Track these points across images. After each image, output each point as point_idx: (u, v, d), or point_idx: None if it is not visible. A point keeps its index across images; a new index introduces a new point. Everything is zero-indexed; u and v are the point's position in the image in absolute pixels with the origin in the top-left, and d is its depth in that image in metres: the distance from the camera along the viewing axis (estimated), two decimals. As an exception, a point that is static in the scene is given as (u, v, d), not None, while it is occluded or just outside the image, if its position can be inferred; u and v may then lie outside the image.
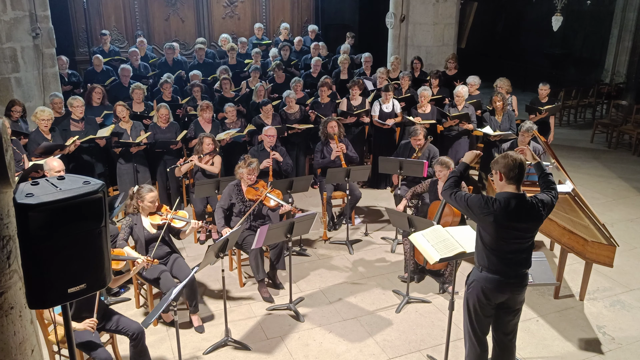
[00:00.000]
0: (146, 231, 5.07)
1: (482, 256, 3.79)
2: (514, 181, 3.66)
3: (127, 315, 4.60)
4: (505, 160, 3.66)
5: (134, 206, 5.10)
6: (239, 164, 5.92)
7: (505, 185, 3.70)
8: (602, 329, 5.17)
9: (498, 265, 3.73)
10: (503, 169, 3.67)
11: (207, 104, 7.60)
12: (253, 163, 5.82)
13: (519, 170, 3.63)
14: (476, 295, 3.84)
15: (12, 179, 2.32)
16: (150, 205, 5.06)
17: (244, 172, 5.80)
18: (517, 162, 3.63)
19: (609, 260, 5.08)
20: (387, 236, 7.04)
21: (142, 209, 5.09)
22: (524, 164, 3.65)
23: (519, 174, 3.64)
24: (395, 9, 10.65)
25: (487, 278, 3.77)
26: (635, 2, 12.84)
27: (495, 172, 3.75)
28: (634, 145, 10.61)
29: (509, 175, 3.65)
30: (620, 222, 7.35)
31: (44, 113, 6.62)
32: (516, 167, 3.62)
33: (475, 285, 3.84)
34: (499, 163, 3.71)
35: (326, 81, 8.57)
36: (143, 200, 5.03)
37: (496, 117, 7.83)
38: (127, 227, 5.04)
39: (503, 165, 3.66)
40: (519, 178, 3.65)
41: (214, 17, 12.78)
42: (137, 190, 5.09)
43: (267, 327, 5.22)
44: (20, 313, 2.46)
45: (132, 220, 5.07)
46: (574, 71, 15.03)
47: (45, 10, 7.96)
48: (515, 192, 3.67)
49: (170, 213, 5.12)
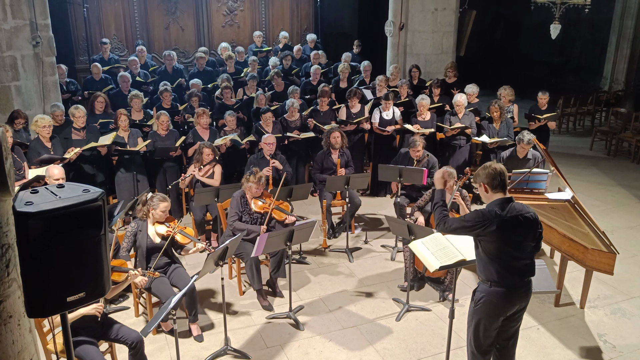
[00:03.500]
0: (149, 239, 5.06)
1: (488, 271, 3.77)
2: (500, 188, 3.75)
3: (126, 324, 4.58)
4: (486, 171, 3.76)
5: (144, 212, 5.09)
6: (247, 177, 5.85)
7: (492, 195, 3.78)
8: (603, 337, 5.15)
9: (506, 277, 3.72)
10: (486, 180, 3.75)
11: (202, 110, 7.63)
12: (262, 178, 5.81)
13: (500, 177, 3.73)
14: (487, 310, 3.80)
15: (12, 187, 2.32)
16: (162, 215, 5.05)
17: (253, 186, 5.79)
18: (497, 170, 3.73)
19: (609, 268, 5.07)
20: (387, 244, 7.03)
21: (152, 216, 5.08)
22: (503, 170, 3.75)
23: (502, 181, 3.74)
24: (394, 17, 10.70)
25: (496, 292, 3.75)
26: (633, 10, 12.90)
27: (479, 185, 3.82)
28: (633, 152, 10.62)
29: (493, 185, 3.74)
30: (620, 230, 7.34)
31: (44, 120, 6.63)
32: (497, 174, 3.72)
33: (485, 301, 3.80)
34: (480, 175, 3.80)
35: (325, 90, 8.59)
36: (155, 208, 5.01)
37: (494, 125, 7.86)
38: (132, 235, 5.02)
39: (485, 176, 3.76)
40: (503, 185, 3.75)
41: (213, 25, 12.84)
42: (151, 197, 5.06)
43: (267, 335, 5.20)
44: (19, 322, 2.45)
45: (137, 226, 5.05)
46: (572, 79, 15.07)
47: (46, 18, 7.99)
48: (505, 197, 3.75)
49: (177, 227, 5.10)
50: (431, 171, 6.80)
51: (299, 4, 13.67)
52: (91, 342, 4.12)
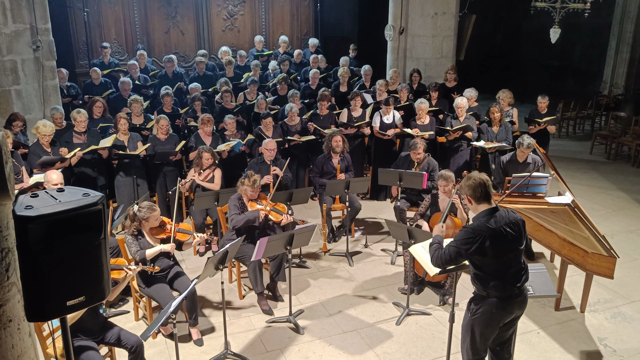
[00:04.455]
0: (150, 245, 5.04)
1: (485, 284, 3.76)
2: (483, 199, 3.74)
3: (126, 328, 4.57)
4: (468, 183, 3.76)
5: (134, 227, 4.94)
6: (241, 180, 5.85)
7: (477, 206, 3.77)
8: (603, 341, 5.14)
9: (502, 287, 3.72)
10: (469, 192, 3.75)
11: (208, 117, 7.59)
12: (257, 181, 5.80)
13: (482, 187, 3.71)
14: (485, 320, 3.80)
15: (12, 191, 2.32)
16: (155, 222, 5.00)
17: (248, 189, 5.78)
18: (477, 181, 3.73)
19: (610, 272, 5.06)
20: (387, 248, 7.03)
21: (145, 227, 5.03)
22: (485, 181, 3.74)
23: (485, 191, 3.72)
24: (394, 21, 10.72)
25: (494, 302, 3.75)
26: (633, 14, 12.94)
27: (464, 197, 3.83)
28: (633, 156, 10.62)
29: (475, 196, 3.74)
30: (620, 234, 7.34)
31: (46, 128, 6.61)
32: (479, 186, 3.71)
33: (483, 311, 3.80)
34: (463, 188, 3.81)
35: (325, 94, 8.61)
36: (148, 220, 4.93)
37: (493, 128, 7.86)
38: (134, 241, 4.93)
39: (467, 188, 3.76)
40: (486, 195, 3.73)
41: (213, 29, 12.85)
42: (138, 210, 4.91)
43: (267, 339, 5.19)
44: (18, 326, 2.45)
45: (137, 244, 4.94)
46: (572, 83, 15.09)
47: (46, 23, 8.01)
48: (491, 207, 3.74)
49: (173, 226, 5.08)
50: (431, 174, 6.81)
51: (299, 8, 13.70)
52: (91, 346, 4.12)
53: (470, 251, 3.67)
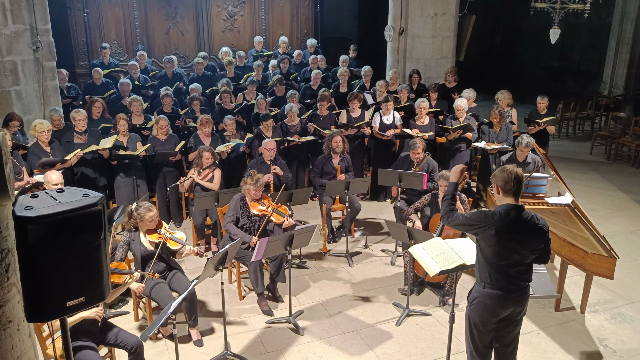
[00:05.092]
0: (143, 247, 5.04)
1: (484, 272, 3.79)
2: (512, 194, 3.73)
3: (126, 328, 4.57)
4: (502, 174, 3.74)
5: (132, 224, 5.06)
6: (245, 180, 5.87)
7: (503, 198, 3.77)
8: (603, 341, 5.14)
9: (500, 281, 3.74)
10: (500, 182, 3.74)
11: (207, 118, 7.59)
12: (260, 179, 5.81)
13: (515, 182, 3.70)
14: (479, 311, 3.83)
15: (12, 191, 2.32)
16: (150, 224, 5.02)
17: (251, 188, 5.79)
18: (512, 175, 3.70)
19: (610, 273, 5.06)
20: (387, 248, 7.02)
21: (141, 226, 5.06)
22: (520, 177, 3.72)
23: (516, 187, 3.71)
24: (394, 22, 10.72)
25: (489, 294, 3.77)
26: (632, 15, 12.94)
27: (494, 186, 3.83)
28: (632, 157, 10.62)
29: (505, 188, 3.73)
30: (620, 234, 7.34)
31: (42, 125, 6.64)
32: (512, 180, 3.70)
33: (478, 302, 3.83)
34: (496, 177, 3.79)
35: (325, 94, 8.60)
36: (142, 219, 4.98)
37: (494, 129, 7.86)
38: (125, 244, 5.01)
39: (500, 178, 3.74)
40: (516, 190, 3.72)
41: (213, 30, 12.85)
42: (136, 209, 5.01)
43: (267, 340, 5.18)
44: (18, 327, 2.45)
45: (130, 236, 5.04)
46: (572, 83, 15.10)
47: (46, 23, 8.00)
48: (514, 204, 3.73)
49: (167, 232, 5.08)
50: (431, 175, 6.81)
51: (299, 9, 13.69)
52: (91, 347, 4.12)
53: (473, 230, 3.74)
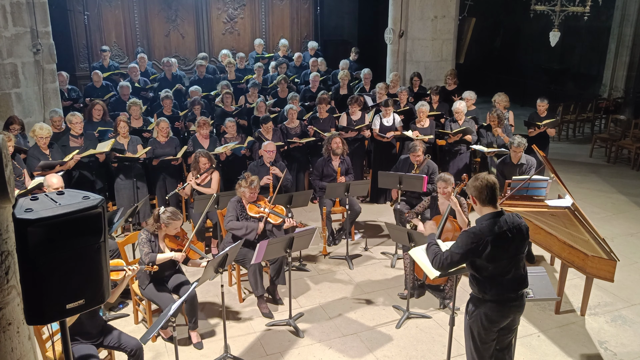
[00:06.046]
0: (160, 250, 5.03)
1: (482, 287, 3.73)
2: (489, 202, 3.67)
3: (126, 331, 4.56)
4: (474, 184, 3.69)
5: (155, 227, 5.00)
6: (239, 183, 5.86)
7: (482, 208, 3.72)
8: (603, 344, 5.13)
9: (500, 291, 3.70)
10: (475, 193, 3.69)
11: (204, 120, 7.59)
12: (254, 181, 5.80)
13: (488, 190, 3.64)
14: (480, 323, 3.79)
15: (12, 194, 2.32)
16: (173, 231, 5.01)
17: (246, 191, 5.78)
18: (484, 183, 3.65)
19: (610, 275, 5.06)
20: (387, 251, 7.02)
21: (162, 231, 5.03)
22: (492, 184, 3.66)
23: (490, 194, 3.65)
24: (394, 24, 10.74)
25: (490, 306, 3.73)
26: (632, 18, 12.95)
27: (470, 197, 3.77)
28: (632, 159, 10.62)
29: (481, 198, 3.67)
30: (620, 237, 7.33)
31: (43, 131, 6.60)
32: (485, 188, 3.64)
33: (478, 314, 3.79)
34: (469, 188, 3.74)
35: (323, 97, 8.60)
36: (168, 226, 4.97)
37: (495, 130, 7.85)
38: (147, 241, 4.95)
39: (473, 189, 3.69)
40: (492, 198, 3.66)
41: (213, 33, 12.87)
42: (164, 212, 4.97)
43: (267, 343, 5.18)
44: (18, 329, 2.45)
45: (149, 236, 4.99)
46: (572, 86, 15.11)
47: (47, 26, 8.02)
48: (495, 211, 3.68)
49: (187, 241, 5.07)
50: (431, 177, 6.80)
51: (299, 12, 13.72)
52: (90, 349, 4.11)
53: (469, 256, 3.64)
